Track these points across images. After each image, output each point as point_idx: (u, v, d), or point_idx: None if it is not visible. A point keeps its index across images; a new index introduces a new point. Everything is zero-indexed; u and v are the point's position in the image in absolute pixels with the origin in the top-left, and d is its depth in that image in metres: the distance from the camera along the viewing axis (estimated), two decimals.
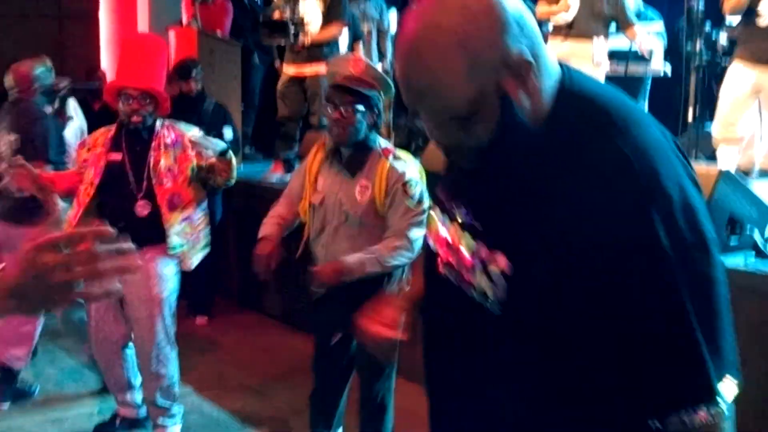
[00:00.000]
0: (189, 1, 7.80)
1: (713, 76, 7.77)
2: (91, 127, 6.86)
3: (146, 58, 4.02)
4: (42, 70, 5.03)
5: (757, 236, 3.81)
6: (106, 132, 4.11)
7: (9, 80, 4.91)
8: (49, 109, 5.22)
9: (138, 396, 4.42)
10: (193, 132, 4.25)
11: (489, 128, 1.37)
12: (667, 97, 8.29)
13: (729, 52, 6.92)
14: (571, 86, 1.45)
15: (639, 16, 8.46)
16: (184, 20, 7.82)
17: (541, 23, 6.96)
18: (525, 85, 1.36)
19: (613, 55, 8.35)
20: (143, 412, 4.45)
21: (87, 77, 7.96)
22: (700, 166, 4.97)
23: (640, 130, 1.40)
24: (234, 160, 4.12)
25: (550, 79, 1.42)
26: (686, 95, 6.52)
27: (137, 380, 4.36)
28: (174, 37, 7.80)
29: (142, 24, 8.57)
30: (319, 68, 6.44)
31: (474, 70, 1.32)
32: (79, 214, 3.98)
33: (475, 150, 1.41)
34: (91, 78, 7.94)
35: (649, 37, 7.87)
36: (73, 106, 6.70)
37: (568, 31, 6.62)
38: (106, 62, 8.63)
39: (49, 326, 5.14)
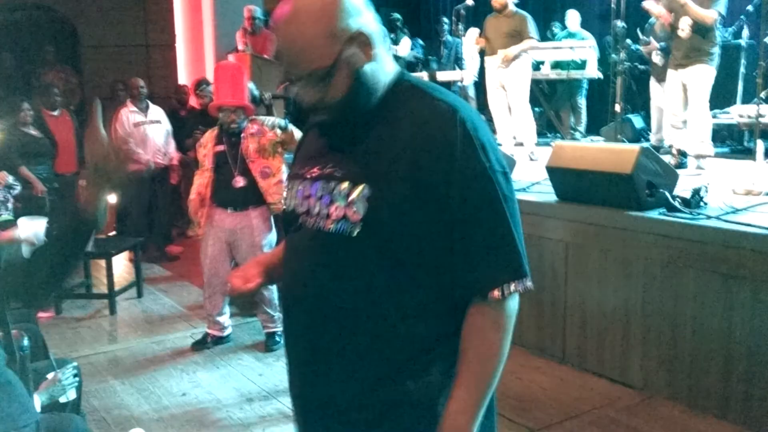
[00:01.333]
0: (242, 32, 7.83)
1: (633, 78, 7.84)
2: (177, 129, 6.99)
3: (234, 82, 4.26)
4: None
5: (667, 196, 3.85)
6: (212, 132, 4.41)
7: None
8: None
9: (227, 319, 4.63)
10: (268, 119, 4.53)
11: (342, 88, 1.37)
12: (599, 95, 8.35)
13: (646, 61, 6.98)
14: (408, 78, 1.47)
15: (575, 36, 8.52)
16: (240, 47, 7.83)
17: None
18: (368, 55, 1.37)
19: (558, 64, 8.42)
20: (228, 331, 4.65)
21: (175, 92, 8.00)
22: (626, 145, 5.05)
23: (459, 102, 1.41)
24: (295, 130, 4.32)
25: (388, 65, 1.44)
26: (614, 94, 6.55)
27: (227, 309, 4.63)
28: (233, 59, 7.84)
29: (208, 50, 8.56)
30: None
31: (331, 38, 1.33)
32: (206, 190, 4.33)
33: (331, 106, 1.38)
34: (177, 93, 7.98)
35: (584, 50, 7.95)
36: (159, 112, 6.82)
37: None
38: (184, 80, 8.63)
39: None
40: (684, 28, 5.46)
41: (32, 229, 1.95)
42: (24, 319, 3.46)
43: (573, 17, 8.64)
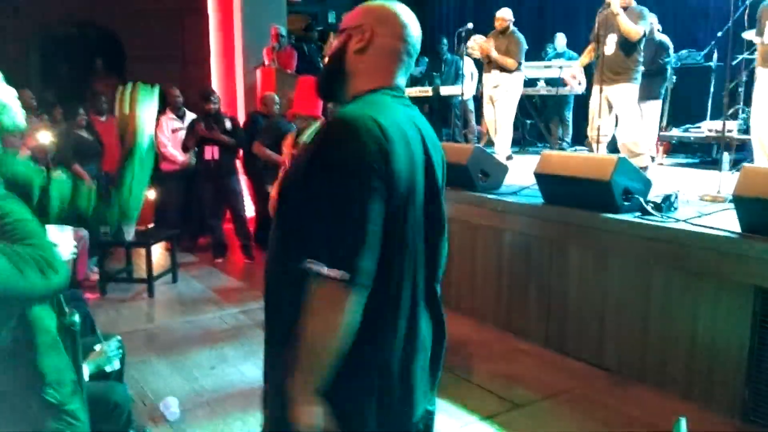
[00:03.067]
0: (269, 49, 7.87)
1: None
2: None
3: (308, 94, 4.20)
4: None
5: (641, 201, 3.87)
6: (291, 135, 4.24)
7: None
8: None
9: None
10: None
11: (331, 53, 1.50)
12: (586, 110, 8.35)
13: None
14: (378, 94, 1.42)
15: (563, 55, 8.53)
16: (266, 62, 7.88)
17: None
18: (358, 46, 1.44)
19: (548, 82, 8.43)
20: None
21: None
22: (606, 155, 5.03)
23: (354, 113, 1.33)
24: None
25: (376, 76, 1.45)
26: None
27: None
28: (260, 73, 7.88)
29: (239, 65, 8.60)
30: None
31: (364, 15, 1.48)
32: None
33: (323, 69, 1.57)
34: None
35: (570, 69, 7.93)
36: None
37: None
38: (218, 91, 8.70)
39: None
40: (609, 44, 5.23)
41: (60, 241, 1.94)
42: (74, 298, 3.52)
43: (560, 39, 8.73)
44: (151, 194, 5.83)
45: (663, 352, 3.58)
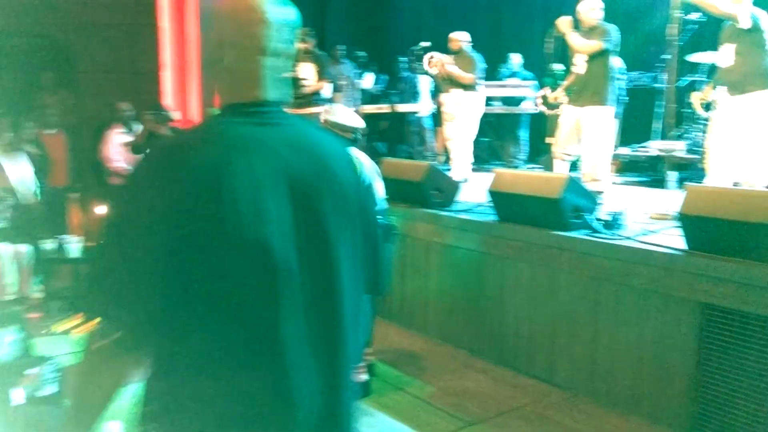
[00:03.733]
0: None
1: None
2: None
3: None
4: None
5: (590, 219, 3.91)
6: None
7: None
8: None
9: None
10: None
11: None
12: (539, 129, 8.52)
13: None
14: (221, 117, 1.24)
15: (518, 74, 8.69)
16: None
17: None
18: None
19: (505, 100, 8.57)
20: None
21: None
22: (556, 173, 5.10)
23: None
24: None
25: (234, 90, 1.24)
26: (548, 128, 6.64)
27: None
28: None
29: (193, 79, 8.49)
30: (314, 110, 6.49)
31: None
32: None
33: None
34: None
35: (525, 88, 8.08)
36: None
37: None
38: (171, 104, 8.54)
39: None
40: (577, 64, 5.13)
41: None
42: (11, 320, 3.38)
43: (515, 59, 8.90)
44: (102, 210, 5.67)
45: (612, 369, 3.62)
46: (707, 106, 4.85)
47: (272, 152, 1.20)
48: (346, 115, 3.67)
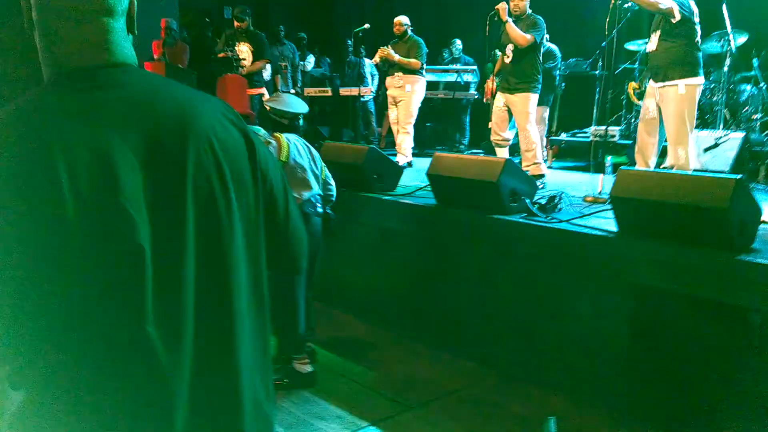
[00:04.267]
0: (158, 42, 7.53)
1: None
2: None
3: (238, 92, 3.95)
4: None
5: (527, 202, 3.97)
6: None
7: None
8: None
9: None
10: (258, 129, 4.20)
11: None
12: (483, 114, 8.57)
13: None
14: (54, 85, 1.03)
15: (459, 60, 8.72)
16: (155, 56, 7.53)
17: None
18: None
19: (447, 85, 8.59)
20: None
21: None
22: (493, 157, 5.13)
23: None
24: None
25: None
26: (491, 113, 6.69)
27: None
28: (149, 68, 7.53)
29: None
30: (252, 91, 6.35)
31: None
32: None
33: None
34: None
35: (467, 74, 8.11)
36: None
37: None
38: None
39: None
40: (507, 53, 5.35)
41: None
42: None
43: (457, 44, 8.94)
44: None
45: (548, 351, 3.68)
46: (641, 95, 4.99)
47: (119, 116, 1.00)
48: (290, 101, 3.60)
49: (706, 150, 5.52)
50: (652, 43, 4.54)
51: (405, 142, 6.68)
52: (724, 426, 2.98)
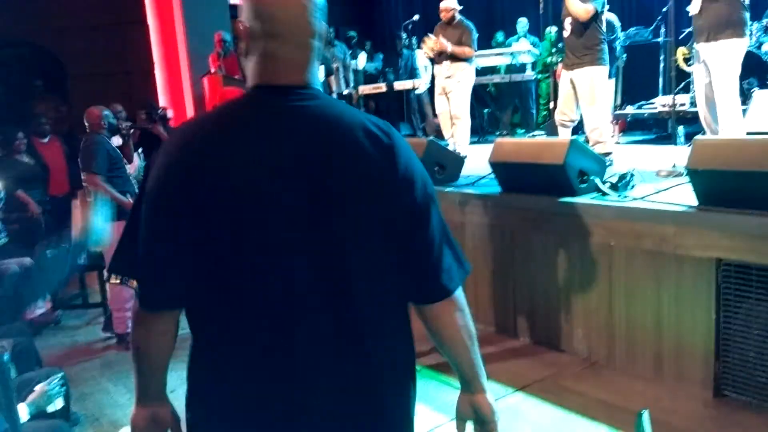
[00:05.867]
0: (214, 55, 7.70)
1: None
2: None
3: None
4: (107, 112, 4.67)
5: (597, 182, 3.85)
6: None
7: (85, 119, 4.66)
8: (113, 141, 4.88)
9: None
10: None
11: None
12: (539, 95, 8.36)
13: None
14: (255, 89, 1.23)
15: (522, 38, 8.52)
16: (212, 70, 7.71)
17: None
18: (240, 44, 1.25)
19: (502, 68, 8.41)
20: None
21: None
22: (558, 138, 5.01)
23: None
24: None
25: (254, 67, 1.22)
26: (550, 93, 6.52)
27: None
28: (207, 82, 7.72)
29: (185, 75, 8.41)
30: None
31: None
32: None
33: None
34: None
35: (523, 54, 7.92)
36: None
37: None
38: (164, 103, 8.46)
39: None
40: (567, 27, 5.12)
41: None
42: (18, 333, 3.36)
43: (523, 23, 8.77)
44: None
45: (630, 333, 3.56)
46: (690, 60, 4.84)
47: (281, 132, 1.17)
48: None
49: None
50: (695, 4, 4.37)
51: (463, 131, 6.58)
52: None
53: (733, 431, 2.93)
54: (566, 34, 5.15)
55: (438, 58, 6.52)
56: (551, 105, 5.84)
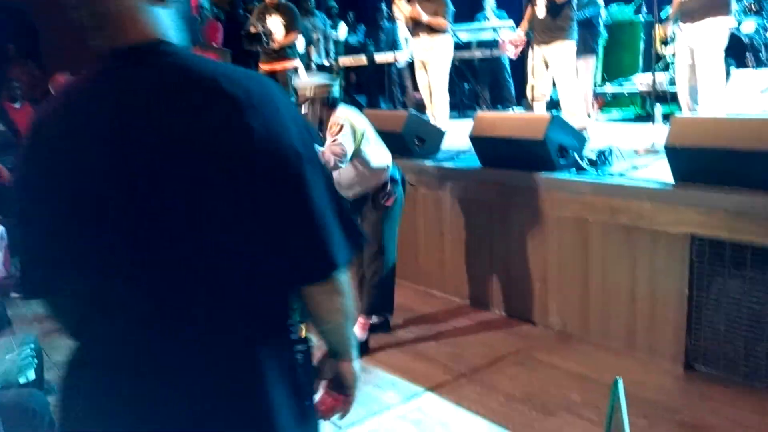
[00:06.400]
0: None
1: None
2: None
3: None
4: None
5: (577, 157, 3.85)
6: None
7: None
8: None
9: None
10: None
11: None
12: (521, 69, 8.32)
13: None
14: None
15: (498, 16, 8.47)
16: None
17: None
18: None
19: (483, 44, 8.35)
20: None
21: None
22: (538, 113, 5.01)
23: None
24: None
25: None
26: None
27: None
28: None
29: None
30: (286, 64, 6.30)
31: None
32: None
33: None
34: None
35: (504, 30, 7.86)
36: None
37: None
38: None
39: None
40: (540, 6, 5.16)
41: None
42: None
43: (491, 2, 8.64)
44: None
45: (604, 307, 3.60)
46: (668, 41, 4.88)
47: (106, 102, 1.05)
48: (306, 79, 3.60)
49: (764, 91, 5.24)
50: None
51: (441, 105, 6.52)
52: None
53: (702, 404, 2.99)
54: (539, 13, 5.17)
55: (414, 29, 6.42)
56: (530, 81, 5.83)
